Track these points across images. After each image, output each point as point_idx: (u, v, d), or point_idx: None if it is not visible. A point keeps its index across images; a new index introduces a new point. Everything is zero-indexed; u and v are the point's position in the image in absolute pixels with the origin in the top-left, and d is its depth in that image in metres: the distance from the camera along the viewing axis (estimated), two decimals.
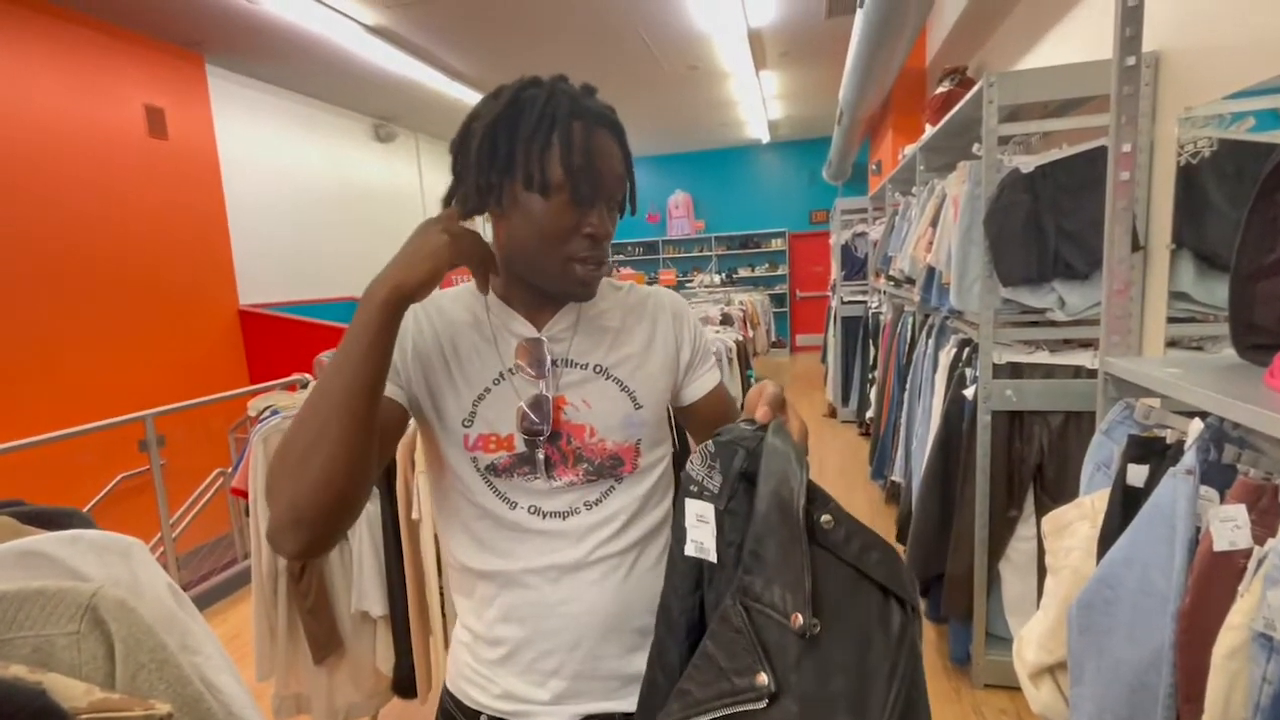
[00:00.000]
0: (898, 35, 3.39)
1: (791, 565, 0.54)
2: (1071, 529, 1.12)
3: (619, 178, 0.71)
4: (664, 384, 0.79)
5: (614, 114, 0.72)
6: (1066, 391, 1.76)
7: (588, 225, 0.68)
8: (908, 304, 3.21)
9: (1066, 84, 1.75)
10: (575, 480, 0.73)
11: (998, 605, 1.94)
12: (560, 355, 0.75)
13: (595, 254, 0.71)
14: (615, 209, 0.73)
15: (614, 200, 0.72)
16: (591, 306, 0.78)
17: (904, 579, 0.54)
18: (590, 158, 0.67)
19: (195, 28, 4.09)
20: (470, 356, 0.75)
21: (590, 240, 0.69)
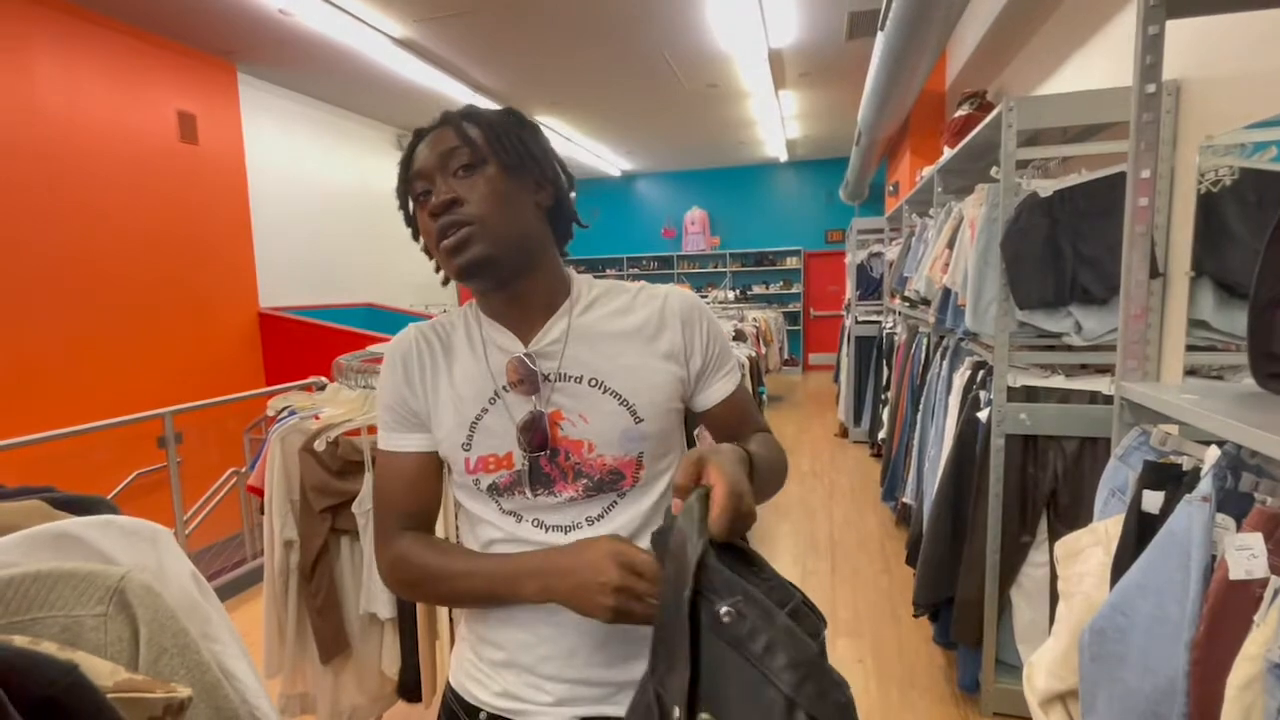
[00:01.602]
0: (918, 58, 3.41)
1: (677, 656, 0.52)
2: (1084, 555, 1.11)
3: (449, 149, 0.70)
4: (669, 393, 0.75)
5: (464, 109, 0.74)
6: (1082, 417, 1.75)
7: (430, 205, 0.70)
8: (922, 325, 3.20)
9: (1086, 110, 1.75)
10: (576, 495, 0.73)
11: (1008, 632, 1.91)
12: (552, 369, 0.74)
13: (447, 221, 0.69)
14: (463, 173, 0.70)
15: (451, 169, 0.70)
16: (584, 313, 0.76)
17: (822, 690, 0.47)
18: (417, 158, 0.72)
19: (228, 37, 4.21)
20: (465, 380, 0.75)
21: (436, 217, 0.70)
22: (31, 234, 3.46)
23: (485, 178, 0.70)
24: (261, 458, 1.64)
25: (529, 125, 0.76)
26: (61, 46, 3.60)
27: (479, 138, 0.70)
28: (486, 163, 0.70)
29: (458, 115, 0.73)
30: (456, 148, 0.70)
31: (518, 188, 0.72)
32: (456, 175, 0.70)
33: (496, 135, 0.71)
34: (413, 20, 4.05)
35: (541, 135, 0.77)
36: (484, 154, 0.70)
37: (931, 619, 2.24)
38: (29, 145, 3.44)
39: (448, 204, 0.68)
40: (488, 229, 0.69)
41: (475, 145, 0.70)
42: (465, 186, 0.69)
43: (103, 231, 3.81)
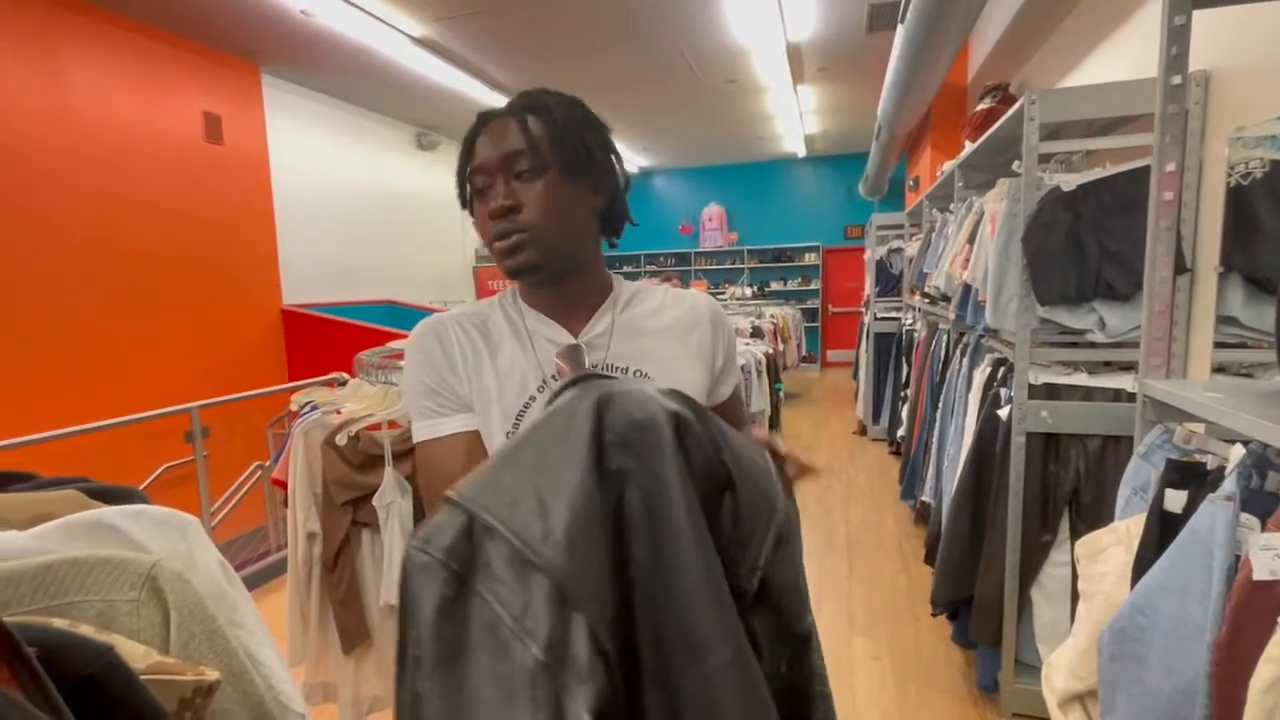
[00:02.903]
0: (939, 51, 3.37)
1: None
2: (1105, 554, 1.10)
3: (512, 152, 0.71)
4: (700, 388, 0.80)
5: (533, 98, 0.74)
6: (1105, 414, 1.72)
7: (490, 208, 0.72)
8: (942, 321, 3.17)
9: (1111, 102, 1.72)
10: None
11: (1028, 632, 1.89)
12: (599, 360, 0.77)
13: (504, 227, 0.71)
14: (524, 177, 0.71)
15: (512, 171, 0.71)
16: (626, 309, 0.80)
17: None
18: (478, 151, 0.73)
19: (252, 39, 4.28)
20: (510, 369, 0.76)
21: (495, 219, 0.72)
22: (63, 233, 3.55)
23: (545, 184, 0.71)
24: (285, 452, 1.67)
25: (595, 123, 0.76)
26: (93, 50, 3.69)
27: (543, 139, 0.71)
28: (547, 169, 0.71)
29: (524, 107, 0.73)
30: (519, 151, 0.70)
31: (575, 194, 0.73)
32: (518, 178, 0.71)
33: (560, 137, 0.72)
34: (431, 19, 4.09)
35: (605, 133, 0.77)
36: (546, 160, 0.71)
37: (950, 618, 2.22)
38: (61, 146, 3.53)
39: (507, 210, 0.71)
40: (540, 237, 0.71)
41: (538, 150, 0.70)
42: (525, 192, 0.71)
43: (132, 230, 3.90)
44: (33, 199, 3.41)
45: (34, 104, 3.41)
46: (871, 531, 3.41)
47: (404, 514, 1.60)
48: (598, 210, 0.77)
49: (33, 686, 0.30)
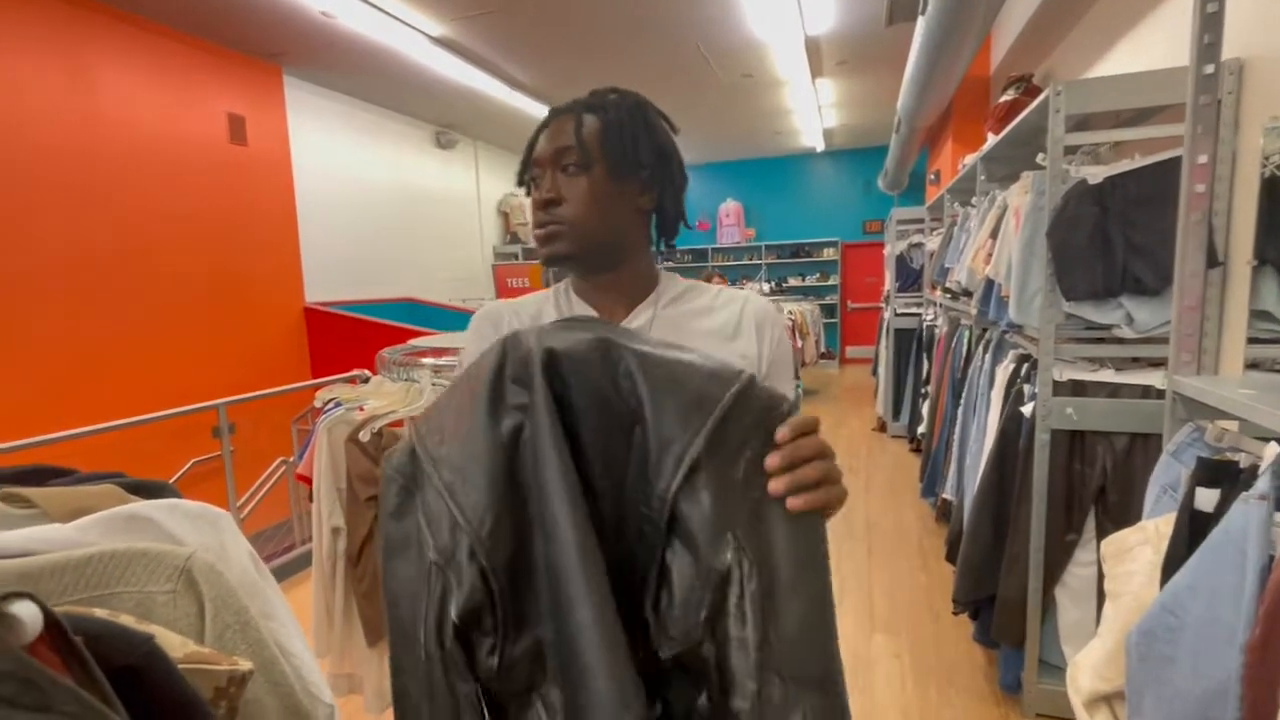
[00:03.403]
0: (961, 43, 3.32)
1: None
2: (1133, 554, 1.08)
3: (563, 148, 0.74)
4: None
5: (597, 97, 0.76)
6: (1133, 412, 1.69)
7: (534, 199, 0.76)
8: (964, 317, 3.13)
9: (1140, 93, 1.68)
10: None
11: (1052, 632, 1.87)
12: None
13: (543, 218, 0.75)
14: (570, 171, 0.74)
15: (559, 165, 0.75)
16: (668, 306, 0.80)
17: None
18: (538, 145, 0.76)
19: (274, 40, 4.33)
20: None
21: (538, 209, 0.76)
22: (95, 235, 3.64)
23: (589, 180, 0.74)
24: (310, 447, 1.70)
25: (652, 126, 0.77)
26: (120, 54, 3.77)
27: (593, 137, 0.74)
28: (593, 166, 0.74)
29: (583, 105, 0.76)
30: (569, 146, 0.73)
31: (619, 192, 0.75)
32: (565, 172, 0.74)
33: (612, 136, 0.74)
34: (449, 18, 4.11)
35: (660, 136, 0.78)
36: (592, 158, 0.73)
37: (972, 617, 2.20)
38: (90, 148, 3.62)
39: (547, 202, 0.74)
40: (576, 231, 0.74)
41: (586, 147, 0.73)
42: (569, 186, 0.74)
43: (160, 230, 3.98)
44: (63, 201, 3.50)
45: (63, 108, 3.50)
46: (891, 528, 3.38)
47: None
48: (644, 210, 0.79)
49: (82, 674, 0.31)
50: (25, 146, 3.31)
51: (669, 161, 0.79)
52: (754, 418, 0.52)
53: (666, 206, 0.80)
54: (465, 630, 0.50)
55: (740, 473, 0.51)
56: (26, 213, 3.33)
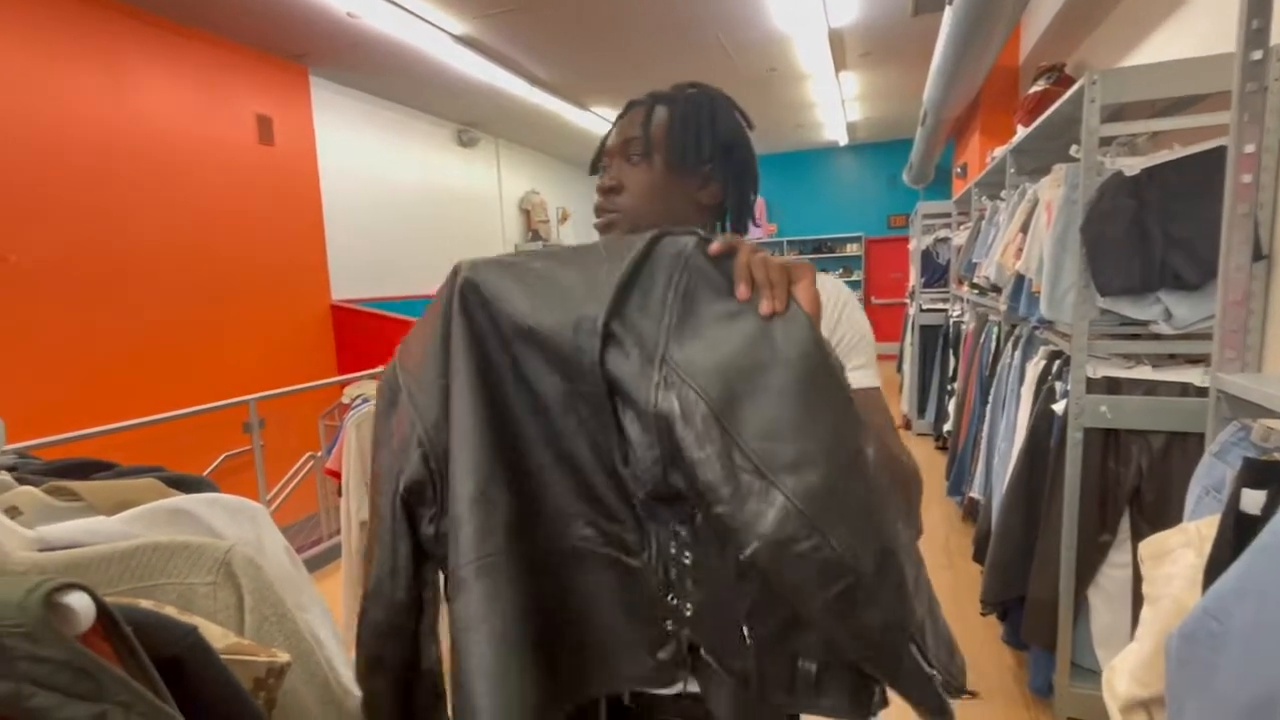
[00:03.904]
0: (990, 32, 3.25)
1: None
2: (1173, 556, 1.05)
3: (629, 138, 0.76)
4: None
5: (675, 90, 0.78)
6: (1171, 410, 1.64)
7: (598, 185, 0.79)
8: (993, 313, 3.07)
9: (1180, 81, 1.63)
10: None
11: (1084, 634, 1.83)
12: None
13: (603, 204, 0.77)
14: (633, 161, 0.76)
15: (625, 155, 0.77)
16: None
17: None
18: (609, 136, 0.79)
19: (301, 42, 4.40)
20: None
21: (600, 195, 0.78)
22: (129, 235, 3.73)
23: (648, 169, 0.75)
24: (339, 443, 1.73)
25: (719, 121, 0.78)
26: (154, 58, 3.85)
27: (659, 128, 0.75)
28: (653, 156, 0.75)
29: (659, 97, 0.78)
30: (635, 138, 0.76)
31: (677, 183, 0.76)
32: (629, 161, 0.76)
33: (675, 128, 0.75)
34: (472, 17, 4.13)
35: (727, 132, 0.78)
36: (653, 148, 0.75)
37: (1000, 618, 2.16)
38: (125, 149, 3.71)
39: (608, 189, 0.76)
40: (630, 219, 0.76)
41: (649, 137, 0.75)
42: (630, 174, 0.76)
43: (192, 232, 4.07)
44: (101, 201, 3.59)
45: (104, 111, 3.59)
46: None
47: None
48: (704, 205, 0.78)
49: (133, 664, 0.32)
50: (66, 148, 3.41)
51: (734, 157, 0.78)
52: (667, 264, 0.56)
53: (730, 204, 0.79)
54: (410, 503, 0.59)
55: (666, 317, 0.54)
56: (67, 212, 3.42)
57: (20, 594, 0.27)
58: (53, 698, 0.27)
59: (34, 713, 0.27)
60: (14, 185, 3.19)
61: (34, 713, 0.27)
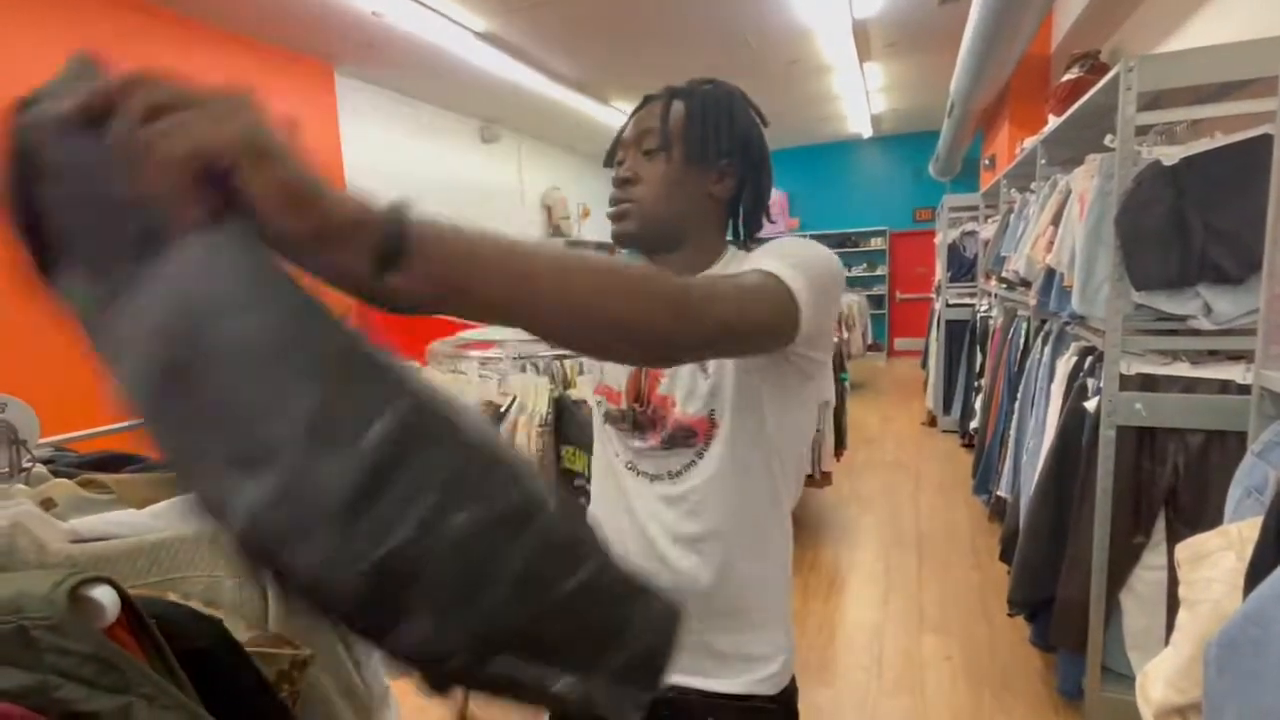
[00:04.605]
0: (1020, 20, 3.17)
1: None
2: (1212, 559, 1.02)
3: (646, 130, 0.76)
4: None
5: (692, 85, 0.78)
6: (1211, 408, 1.59)
7: (613, 177, 0.79)
8: (1022, 308, 3.00)
9: (1222, 66, 1.57)
10: (655, 446, 0.77)
11: (1116, 637, 1.78)
12: None
13: (617, 195, 0.77)
14: (650, 155, 0.76)
15: (641, 148, 0.76)
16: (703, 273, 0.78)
17: None
18: (626, 128, 0.79)
19: (327, 41, 4.45)
20: None
21: (615, 187, 0.78)
22: None
23: (665, 163, 0.75)
24: None
25: (736, 116, 0.78)
26: (183, 58, 3.93)
27: (677, 121, 0.75)
28: (670, 149, 0.75)
29: (672, 92, 0.78)
30: (651, 130, 0.75)
31: (692, 177, 0.76)
32: (646, 153, 0.76)
33: (693, 122, 0.75)
34: (494, 13, 4.15)
35: (744, 127, 0.78)
36: (671, 141, 0.75)
37: (1028, 619, 2.12)
38: None
39: (623, 180, 0.77)
40: (644, 211, 0.76)
41: (666, 131, 0.75)
42: (645, 167, 0.76)
43: None
44: None
45: None
46: (942, 526, 3.29)
47: None
48: (718, 198, 0.78)
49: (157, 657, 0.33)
50: None
51: (750, 152, 0.78)
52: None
53: (745, 198, 0.80)
54: None
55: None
56: None
57: (47, 587, 0.27)
58: (79, 690, 0.27)
59: (61, 704, 0.27)
60: None
61: (61, 704, 0.27)
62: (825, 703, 2.02)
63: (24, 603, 0.27)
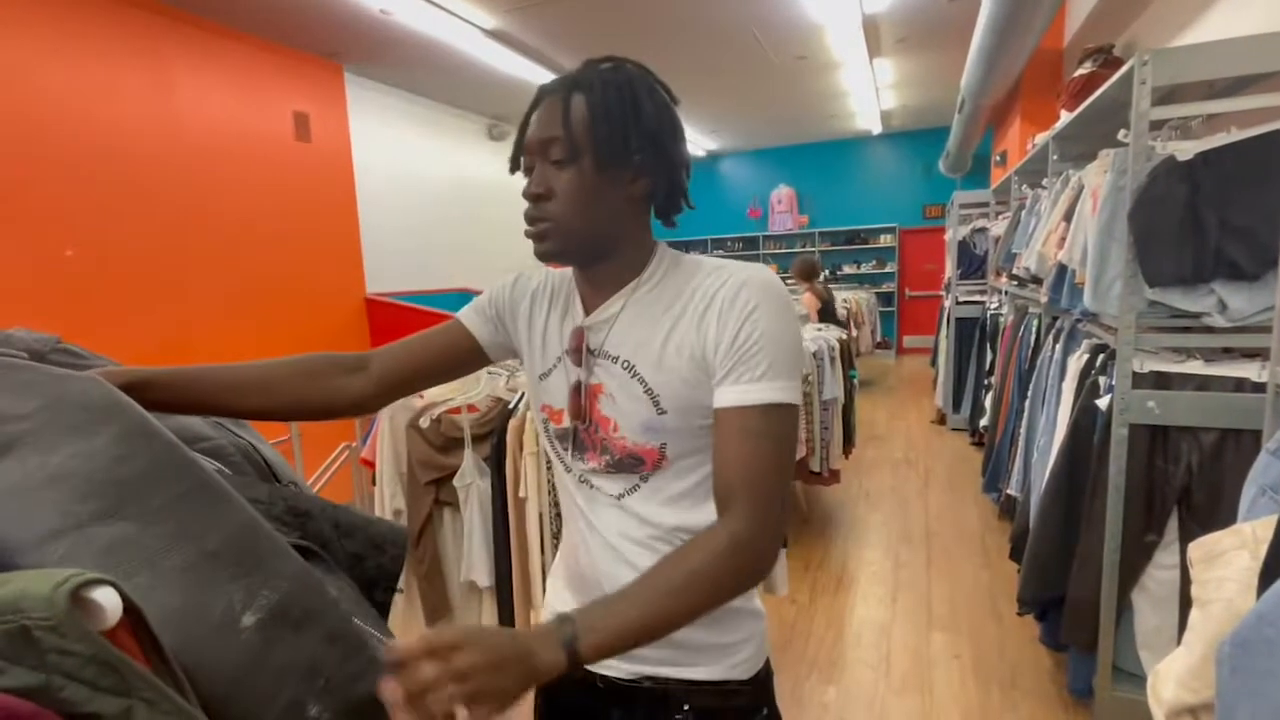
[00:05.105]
0: (1033, 14, 3.13)
1: None
2: (1226, 558, 1.00)
3: (550, 138, 0.69)
4: (693, 386, 0.70)
5: (586, 74, 0.70)
6: (1225, 406, 1.57)
7: (523, 192, 0.73)
8: (1033, 305, 2.98)
9: (1239, 60, 1.55)
10: (599, 468, 0.76)
11: (1127, 637, 1.77)
12: (596, 345, 0.76)
13: (532, 213, 0.72)
14: (558, 164, 0.70)
15: (548, 157, 0.70)
16: (647, 292, 0.75)
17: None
18: (528, 129, 0.72)
19: (336, 40, 4.47)
20: (550, 336, 0.81)
21: (528, 201, 0.73)
22: (173, 228, 3.85)
23: (576, 173, 0.69)
24: (373, 433, 1.76)
25: (641, 106, 0.70)
26: (196, 58, 3.96)
27: (581, 125, 0.69)
28: (580, 157, 0.69)
29: (571, 83, 0.70)
30: (556, 138, 0.69)
31: (608, 182, 0.71)
32: (554, 164, 0.70)
33: (600, 123, 0.68)
34: (502, 11, 4.15)
35: (651, 118, 0.71)
36: (580, 149, 0.69)
37: (1038, 618, 2.11)
38: (169, 147, 3.82)
39: (535, 196, 0.72)
40: (563, 227, 0.71)
41: (574, 139, 0.68)
42: (556, 179, 0.70)
43: (232, 227, 4.19)
44: (147, 199, 3.71)
45: (148, 111, 3.70)
46: (951, 524, 3.27)
47: (483, 494, 1.65)
48: (637, 197, 0.73)
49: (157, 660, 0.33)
50: (117, 147, 3.54)
51: (663, 143, 0.72)
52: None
53: (661, 190, 0.74)
54: None
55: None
56: (117, 208, 3.55)
57: (48, 588, 0.27)
58: (82, 690, 0.28)
59: (66, 704, 0.27)
60: (71, 183, 3.32)
61: (66, 704, 0.27)
62: (832, 700, 2.02)
63: (26, 603, 0.27)
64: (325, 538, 0.64)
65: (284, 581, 0.43)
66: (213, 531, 0.42)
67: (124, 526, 0.39)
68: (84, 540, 0.38)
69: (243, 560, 0.42)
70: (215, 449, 0.72)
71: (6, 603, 0.27)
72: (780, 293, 0.70)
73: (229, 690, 0.38)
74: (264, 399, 0.75)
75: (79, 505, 0.39)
